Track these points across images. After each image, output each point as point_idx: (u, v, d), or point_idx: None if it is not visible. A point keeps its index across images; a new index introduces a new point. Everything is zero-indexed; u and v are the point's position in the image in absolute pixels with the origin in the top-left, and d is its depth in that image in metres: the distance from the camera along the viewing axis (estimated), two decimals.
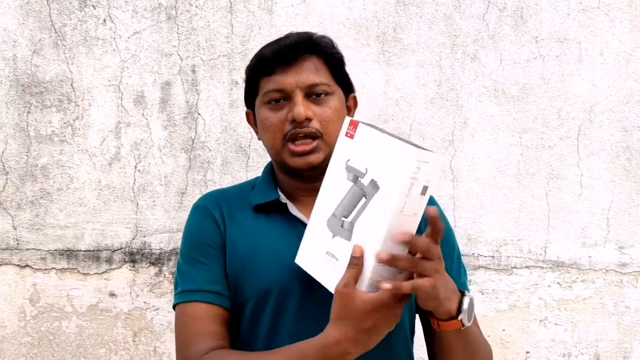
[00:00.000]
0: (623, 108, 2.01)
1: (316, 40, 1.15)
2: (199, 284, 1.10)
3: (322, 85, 1.11)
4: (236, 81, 1.94)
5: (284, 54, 1.11)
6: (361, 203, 0.94)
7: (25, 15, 1.90)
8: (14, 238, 1.89)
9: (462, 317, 0.96)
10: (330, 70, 1.15)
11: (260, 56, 1.14)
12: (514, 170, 1.99)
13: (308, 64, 1.12)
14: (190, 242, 1.16)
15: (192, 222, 1.18)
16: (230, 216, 1.15)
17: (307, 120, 1.09)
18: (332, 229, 0.98)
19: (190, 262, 1.14)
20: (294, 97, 1.10)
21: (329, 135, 1.11)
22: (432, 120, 1.98)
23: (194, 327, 1.07)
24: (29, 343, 1.89)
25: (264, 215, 1.15)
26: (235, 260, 1.11)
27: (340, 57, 1.18)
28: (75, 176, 1.91)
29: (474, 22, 1.99)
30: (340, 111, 1.14)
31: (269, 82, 1.12)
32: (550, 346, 1.99)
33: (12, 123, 1.90)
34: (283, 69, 1.11)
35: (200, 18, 1.94)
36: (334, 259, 0.97)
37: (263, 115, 1.13)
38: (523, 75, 1.99)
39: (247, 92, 1.20)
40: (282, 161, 1.13)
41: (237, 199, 1.18)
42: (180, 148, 1.93)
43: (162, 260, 1.90)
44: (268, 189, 1.18)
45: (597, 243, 2.00)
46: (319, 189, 1.08)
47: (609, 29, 2.00)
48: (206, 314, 1.08)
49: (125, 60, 1.92)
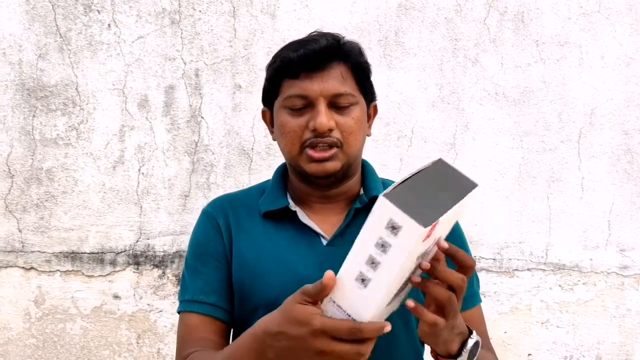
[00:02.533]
0: (624, 111, 2.02)
1: (345, 46, 1.09)
2: (195, 294, 1.12)
3: (347, 96, 1.07)
4: (239, 85, 1.95)
5: (310, 59, 1.05)
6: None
7: (31, 20, 1.92)
8: (19, 240, 1.91)
9: (461, 359, 0.91)
10: (356, 79, 1.10)
11: (285, 58, 1.08)
12: (515, 173, 2.00)
13: (335, 71, 1.06)
14: (193, 250, 1.17)
15: (197, 230, 1.18)
16: (237, 223, 1.13)
17: (328, 131, 1.05)
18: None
19: (191, 270, 1.15)
20: (317, 105, 1.05)
21: (349, 145, 1.07)
22: (434, 123, 1.99)
23: (188, 335, 1.10)
24: (33, 345, 1.90)
25: (273, 222, 1.12)
26: (242, 268, 1.10)
27: (367, 66, 1.13)
28: (79, 179, 1.93)
29: (475, 26, 2.00)
30: (362, 121, 1.10)
31: (292, 86, 1.07)
32: (552, 348, 1.99)
33: (17, 127, 1.92)
34: (308, 74, 1.06)
35: (204, 22, 1.95)
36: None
37: (283, 119, 1.10)
38: (524, 79, 2.00)
39: (266, 90, 1.15)
40: (297, 166, 1.10)
41: (245, 205, 1.16)
42: (184, 151, 1.94)
43: (165, 262, 1.91)
44: (277, 195, 1.15)
45: (598, 246, 2.01)
46: (331, 196, 1.07)
47: (610, 32, 2.01)
48: (201, 324, 1.10)
49: (129, 64, 1.94)
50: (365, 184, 1.19)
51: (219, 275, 1.12)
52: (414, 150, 1.97)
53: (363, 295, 0.83)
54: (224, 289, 1.11)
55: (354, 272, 0.83)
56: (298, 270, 1.06)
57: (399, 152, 1.97)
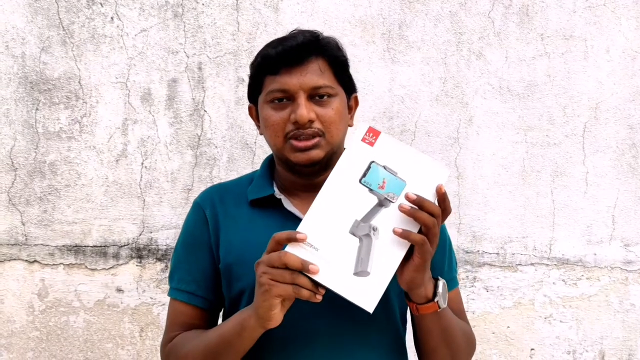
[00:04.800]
0: (629, 105, 2.01)
1: (322, 42, 1.15)
2: (177, 283, 1.22)
3: (325, 88, 1.13)
4: (242, 78, 1.95)
5: (289, 54, 1.12)
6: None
7: (34, 13, 1.92)
8: (23, 234, 1.92)
9: (438, 299, 1.04)
10: (334, 72, 1.16)
11: (266, 55, 1.15)
12: (519, 168, 1.99)
13: (313, 65, 1.12)
14: (181, 239, 1.25)
15: (186, 220, 1.26)
16: (224, 212, 1.20)
17: (309, 122, 1.11)
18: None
19: (177, 259, 1.24)
20: (297, 98, 1.11)
21: (330, 135, 1.13)
22: (437, 117, 1.98)
23: (174, 319, 1.21)
24: (37, 337, 1.91)
25: (259, 209, 1.18)
26: (229, 253, 1.17)
27: (345, 60, 1.19)
28: (82, 173, 1.93)
29: (480, 19, 1.99)
30: (342, 112, 1.16)
31: (273, 81, 1.13)
32: (555, 343, 1.99)
33: (20, 120, 1.92)
34: (288, 69, 1.12)
35: (207, 16, 1.95)
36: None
37: (266, 113, 1.15)
38: (528, 73, 1.99)
39: (250, 88, 1.21)
40: (283, 156, 1.16)
41: (234, 194, 1.23)
42: (187, 145, 1.94)
43: (168, 256, 1.92)
44: (264, 184, 1.21)
45: (602, 240, 2.00)
46: (316, 185, 1.10)
47: (615, 26, 2.00)
48: (181, 310, 1.20)
49: (132, 57, 1.94)
50: None
51: (199, 265, 1.20)
52: (417, 144, 1.97)
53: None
54: (203, 279, 1.20)
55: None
56: None
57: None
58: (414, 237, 0.97)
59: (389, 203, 0.99)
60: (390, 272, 0.98)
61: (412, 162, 1.00)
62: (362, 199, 0.99)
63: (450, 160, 1.98)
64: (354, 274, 0.97)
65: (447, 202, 1.01)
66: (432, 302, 1.04)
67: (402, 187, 0.99)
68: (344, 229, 0.98)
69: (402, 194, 0.98)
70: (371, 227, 0.98)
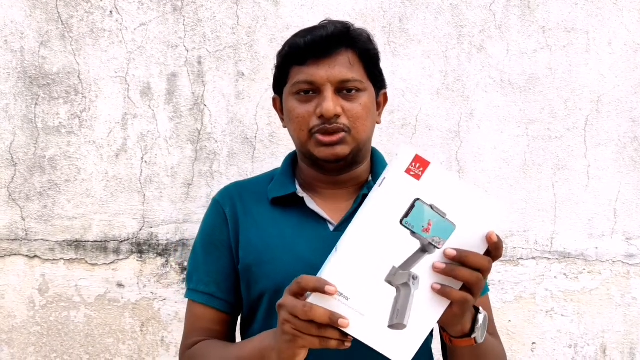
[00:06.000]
0: (631, 98, 2.00)
1: (353, 33, 1.10)
2: (195, 284, 1.16)
3: (354, 82, 1.07)
4: (242, 72, 1.94)
5: (318, 45, 1.06)
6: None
7: (32, 7, 1.91)
8: (23, 229, 1.91)
9: (475, 336, 0.94)
10: (364, 66, 1.11)
11: (293, 44, 1.10)
12: (520, 162, 1.98)
13: (342, 58, 1.07)
14: (200, 239, 1.19)
15: (205, 218, 1.20)
16: (244, 211, 1.14)
17: (335, 117, 1.06)
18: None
19: (196, 259, 1.18)
20: (324, 91, 1.06)
21: (357, 131, 1.08)
22: (438, 111, 1.97)
23: (193, 323, 1.15)
24: (38, 332, 1.91)
25: (281, 208, 1.13)
26: (249, 254, 1.11)
27: (376, 53, 1.14)
28: (82, 168, 1.92)
29: (481, 12, 1.98)
30: (371, 108, 1.11)
31: (300, 72, 1.08)
32: (556, 337, 1.99)
33: (20, 115, 1.91)
34: (315, 60, 1.07)
35: (206, 9, 1.94)
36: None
37: (291, 105, 1.10)
38: (530, 66, 1.98)
39: (276, 78, 1.16)
40: (307, 151, 1.11)
41: (254, 192, 1.17)
42: (187, 139, 1.94)
43: (169, 251, 1.91)
44: (285, 181, 1.16)
45: (604, 234, 2.00)
46: (339, 182, 1.07)
47: (617, 18, 1.99)
48: (203, 314, 1.14)
49: (131, 52, 1.93)
50: (375, 171, 1.20)
51: (219, 266, 1.14)
52: (418, 138, 1.96)
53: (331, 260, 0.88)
54: (223, 281, 1.14)
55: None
56: (304, 255, 1.07)
57: (403, 140, 1.96)
58: (455, 295, 0.86)
59: (434, 249, 0.86)
60: (429, 326, 0.88)
61: (464, 200, 0.87)
62: (402, 242, 0.86)
63: (451, 154, 1.97)
64: (389, 327, 0.86)
65: (500, 250, 0.91)
66: (468, 337, 0.94)
67: (450, 230, 0.86)
68: (380, 277, 0.86)
69: (450, 239, 0.86)
70: (411, 275, 0.85)
